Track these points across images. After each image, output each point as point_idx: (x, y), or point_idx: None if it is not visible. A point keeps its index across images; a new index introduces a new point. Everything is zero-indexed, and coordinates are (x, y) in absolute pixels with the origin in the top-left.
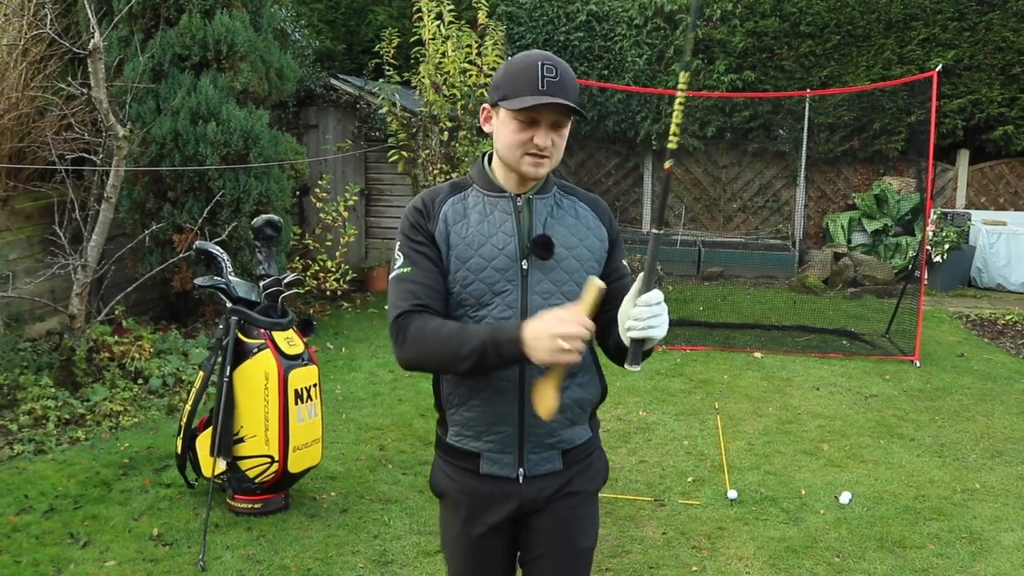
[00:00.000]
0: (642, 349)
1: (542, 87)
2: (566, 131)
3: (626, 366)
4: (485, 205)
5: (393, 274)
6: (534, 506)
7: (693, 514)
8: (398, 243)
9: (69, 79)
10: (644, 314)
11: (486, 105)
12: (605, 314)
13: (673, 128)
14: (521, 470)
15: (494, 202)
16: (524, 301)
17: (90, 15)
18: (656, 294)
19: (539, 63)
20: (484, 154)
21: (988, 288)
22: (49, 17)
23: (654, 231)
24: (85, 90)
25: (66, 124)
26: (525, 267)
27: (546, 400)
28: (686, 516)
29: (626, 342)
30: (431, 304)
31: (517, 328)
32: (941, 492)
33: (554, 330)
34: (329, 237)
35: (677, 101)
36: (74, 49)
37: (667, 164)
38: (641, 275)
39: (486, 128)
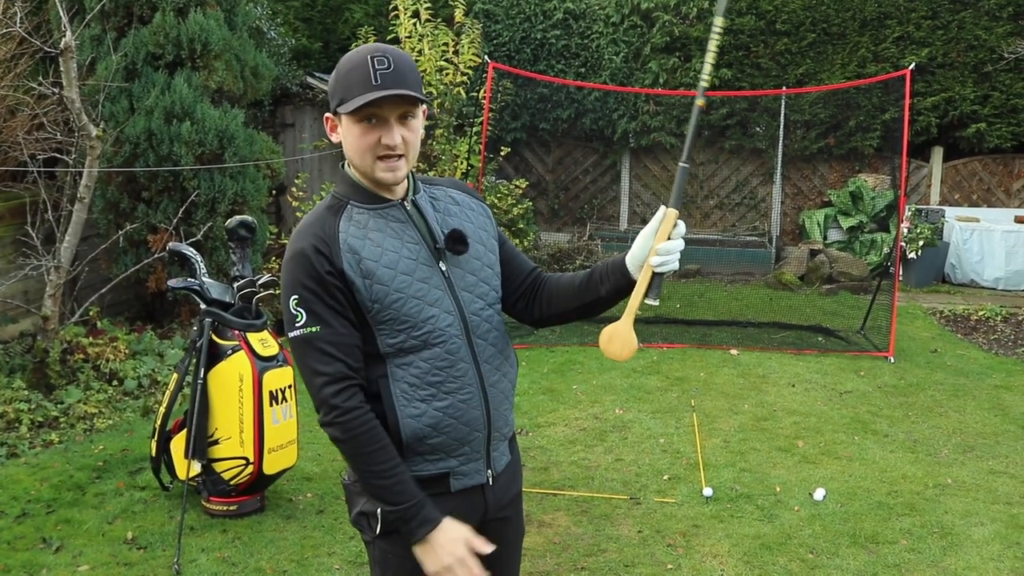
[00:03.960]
0: (661, 281)
1: (376, 81)
2: (417, 123)
3: (648, 301)
4: (376, 220)
5: (296, 333)
6: (496, 512)
7: (668, 512)
8: (294, 296)
9: (40, 78)
10: (676, 247)
11: (328, 115)
12: (523, 284)
13: (707, 68)
14: (490, 471)
15: (383, 214)
16: (457, 303)
17: (61, 13)
18: (683, 226)
19: (368, 57)
20: (342, 166)
21: (962, 284)
22: (19, 15)
23: (682, 164)
24: (57, 89)
25: (38, 124)
26: (444, 269)
27: (630, 339)
28: (661, 514)
29: (635, 276)
30: (354, 364)
31: (433, 525)
32: (913, 487)
33: (450, 561)
34: None
35: (714, 44)
36: (45, 48)
37: (700, 101)
38: (663, 208)
39: (334, 139)
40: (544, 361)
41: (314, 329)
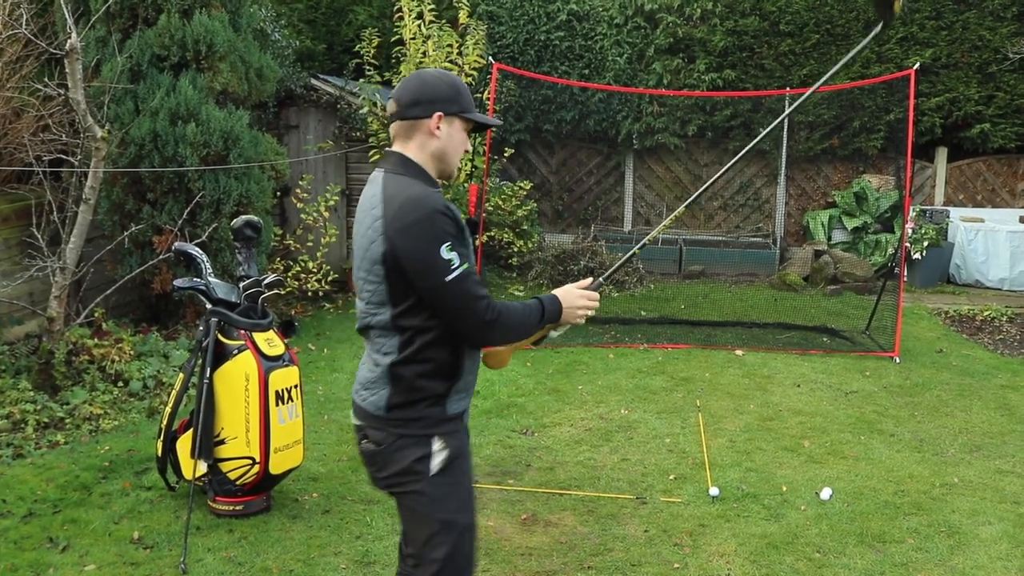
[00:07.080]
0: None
1: (476, 105)
2: None
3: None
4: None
5: (457, 273)
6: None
7: (675, 511)
8: (446, 243)
9: (46, 80)
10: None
11: (440, 112)
12: None
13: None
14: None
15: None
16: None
17: (67, 15)
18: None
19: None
20: (406, 161)
21: (966, 284)
22: (25, 17)
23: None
24: (62, 91)
25: (43, 125)
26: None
27: (506, 358)
28: (668, 514)
29: None
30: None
31: (556, 300)
32: (920, 487)
33: (582, 303)
34: (310, 238)
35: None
36: (51, 50)
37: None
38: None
39: (437, 132)
40: (549, 362)
41: (467, 266)
